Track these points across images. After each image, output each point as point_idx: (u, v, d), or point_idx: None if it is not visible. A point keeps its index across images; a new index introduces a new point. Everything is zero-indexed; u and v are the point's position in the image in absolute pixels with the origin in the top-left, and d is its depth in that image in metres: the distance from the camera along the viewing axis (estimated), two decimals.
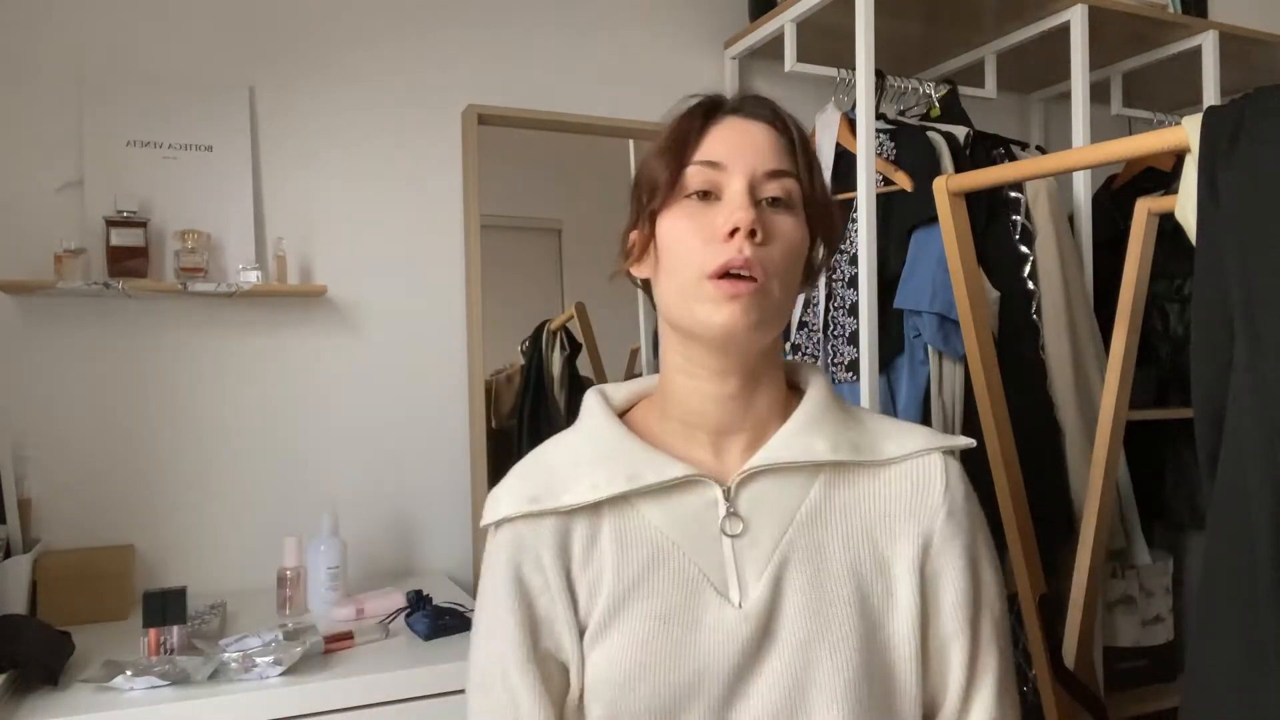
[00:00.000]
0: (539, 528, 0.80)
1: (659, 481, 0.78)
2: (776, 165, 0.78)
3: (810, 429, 0.81)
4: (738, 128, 0.80)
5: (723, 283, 0.74)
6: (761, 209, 0.77)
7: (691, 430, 0.82)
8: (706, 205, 0.77)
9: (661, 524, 0.79)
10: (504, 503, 0.81)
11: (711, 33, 2.21)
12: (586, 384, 2.49)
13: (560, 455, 0.84)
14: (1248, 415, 0.96)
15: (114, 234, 1.64)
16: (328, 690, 1.26)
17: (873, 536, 0.80)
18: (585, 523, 0.80)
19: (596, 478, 0.79)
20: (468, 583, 1.93)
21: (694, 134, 0.79)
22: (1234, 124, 0.99)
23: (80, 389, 1.69)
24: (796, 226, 0.79)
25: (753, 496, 0.79)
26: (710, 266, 0.75)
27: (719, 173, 0.77)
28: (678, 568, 0.77)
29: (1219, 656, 0.98)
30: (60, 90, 1.70)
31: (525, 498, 0.80)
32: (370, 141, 1.91)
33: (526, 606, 0.79)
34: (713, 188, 0.78)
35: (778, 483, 0.79)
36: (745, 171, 0.77)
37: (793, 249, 0.78)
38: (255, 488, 1.80)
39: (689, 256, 0.77)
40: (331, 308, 1.87)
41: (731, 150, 0.78)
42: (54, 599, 1.52)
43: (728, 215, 0.75)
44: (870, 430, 0.84)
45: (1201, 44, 2.14)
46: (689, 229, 0.77)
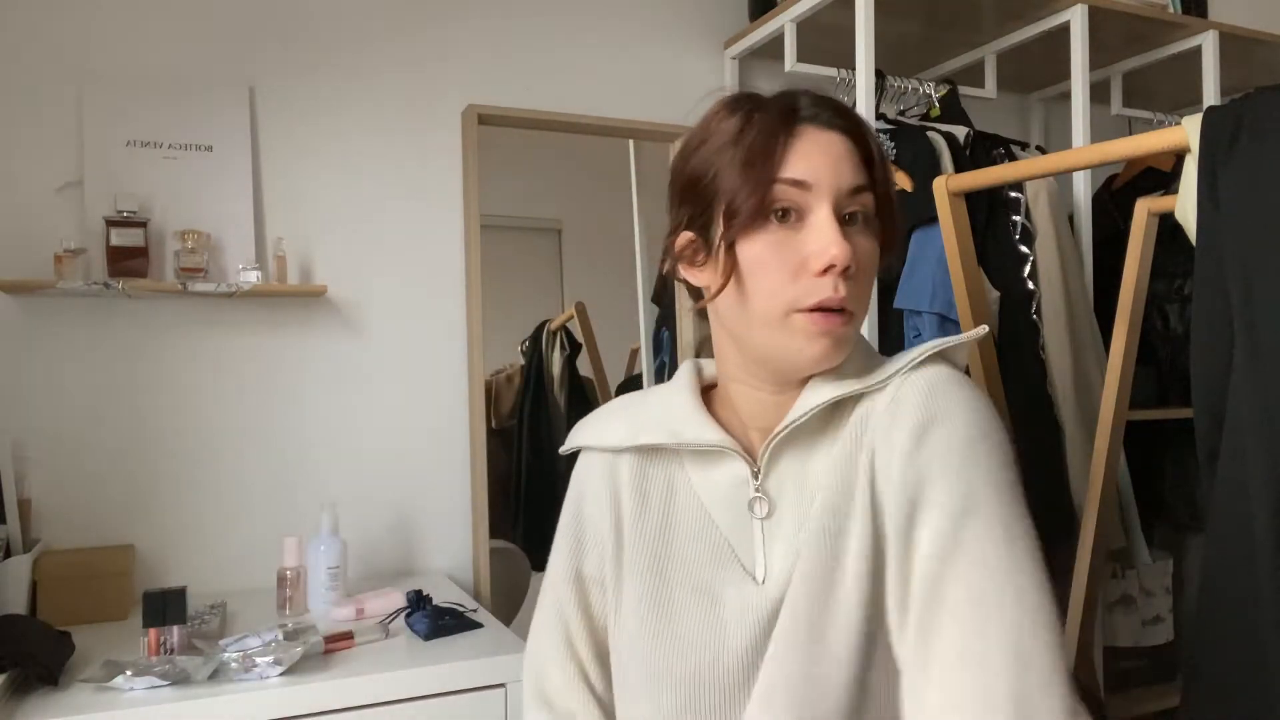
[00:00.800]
0: (600, 460, 0.87)
1: (694, 443, 0.80)
2: (857, 181, 0.74)
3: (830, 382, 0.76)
4: (820, 141, 0.74)
5: (816, 317, 0.72)
6: (844, 229, 0.73)
7: (747, 429, 0.82)
8: (790, 230, 0.73)
9: (702, 492, 0.82)
10: (579, 433, 0.90)
11: (711, 33, 2.21)
12: (586, 384, 2.49)
13: (638, 404, 0.89)
14: (1248, 414, 0.96)
15: (114, 234, 1.64)
16: (327, 690, 1.26)
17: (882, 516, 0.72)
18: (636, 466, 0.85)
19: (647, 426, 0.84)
20: (467, 583, 1.93)
21: (776, 148, 0.73)
22: (1234, 124, 0.99)
23: (80, 389, 1.69)
24: (873, 244, 0.76)
25: (779, 476, 0.78)
26: (804, 303, 0.72)
27: (804, 193, 0.73)
28: (711, 540, 0.80)
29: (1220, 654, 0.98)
30: (60, 90, 1.70)
31: (594, 432, 0.89)
32: (370, 141, 1.91)
33: (579, 530, 0.87)
34: (795, 207, 0.73)
35: (799, 460, 0.77)
36: (831, 192, 0.73)
37: (873, 268, 0.76)
38: (255, 488, 1.80)
39: (777, 289, 0.73)
40: (331, 308, 1.87)
41: (817, 168, 0.73)
42: (54, 599, 1.52)
43: (821, 249, 0.71)
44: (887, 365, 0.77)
45: (1201, 44, 2.14)
46: (775, 258, 0.73)
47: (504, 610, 1.95)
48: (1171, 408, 1.97)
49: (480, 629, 1.50)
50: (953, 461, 0.69)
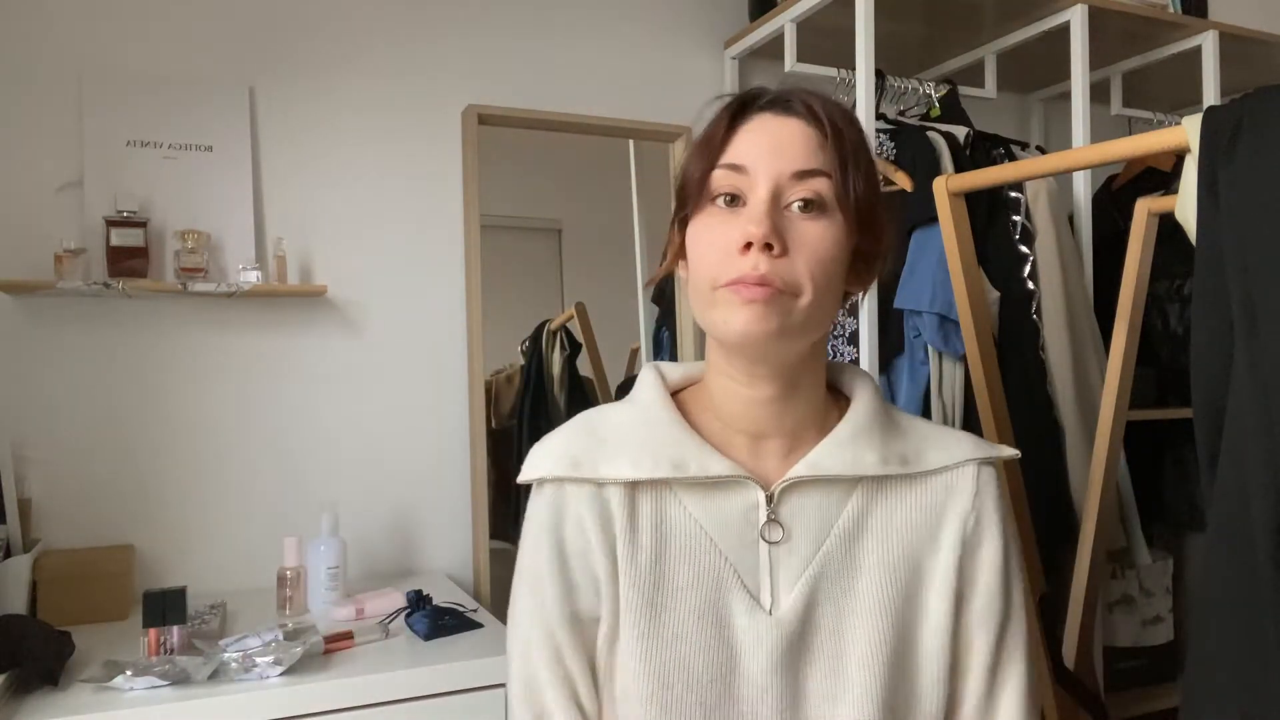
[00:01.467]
0: (580, 492, 0.79)
1: (702, 476, 0.77)
2: (804, 165, 0.73)
3: (858, 440, 0.79)
4: (767, 126, 0.75)
5: (737, 287, 0.72)
6: (787, 215, 0.73)
7: (730, 431, 0.81)
8: (732, 212, 0.74)
9: (701, 517, 0.78)
10: (545, 462, 0.81)
11: (711, 33, 2.21)
12: (586, 384, 2.49)
13: (609, 425, 0.82)
14: (1248, 414, 0.96)
15: (114, 234, 1.64)
16: (327, 690, 1.26)
17: (909, 550, 0.79)
18: (625, 498, 0.79)
19: (641, 456, 0.78)
20: (467, 583, 1.93)
21: (721, 134, 0.75)
22: (1234, 124, 0.99)
23: (80, 389, 1.69)
24: (830, 230, 0.74)
25: (794, 504, 0.78)
26: (723, 279, 0.73)
27: (743, 177, 0.74)
28: (711, 563, 0.77)
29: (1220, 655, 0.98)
30: (60, 90, 1.70)
31: (568, 459, 0.79)
32: (370, 141, 1.91)
33: (566, 567, 0.79)
34: (738, 192, 0.74)
35: (820, 492, 0.79)
36: (770, 175, 0.73)
37: (824, 256, 0.73)
38: (255, 487, 1.80)
39: (709, 267, 0.74)
40: (331, 308, 1.87)
41: (757, 152, 0.74)
42: (54, 599, 1.52)
43: (742, 227, 0.72)
44: (917, 439, 0.82)
45: (1201, 44, 2.14)
46: (711, 239, 0.75)
47: (503, 611, 1.95)
48: (1171, 408, 1.97)
49: (480, 629, 1.50)
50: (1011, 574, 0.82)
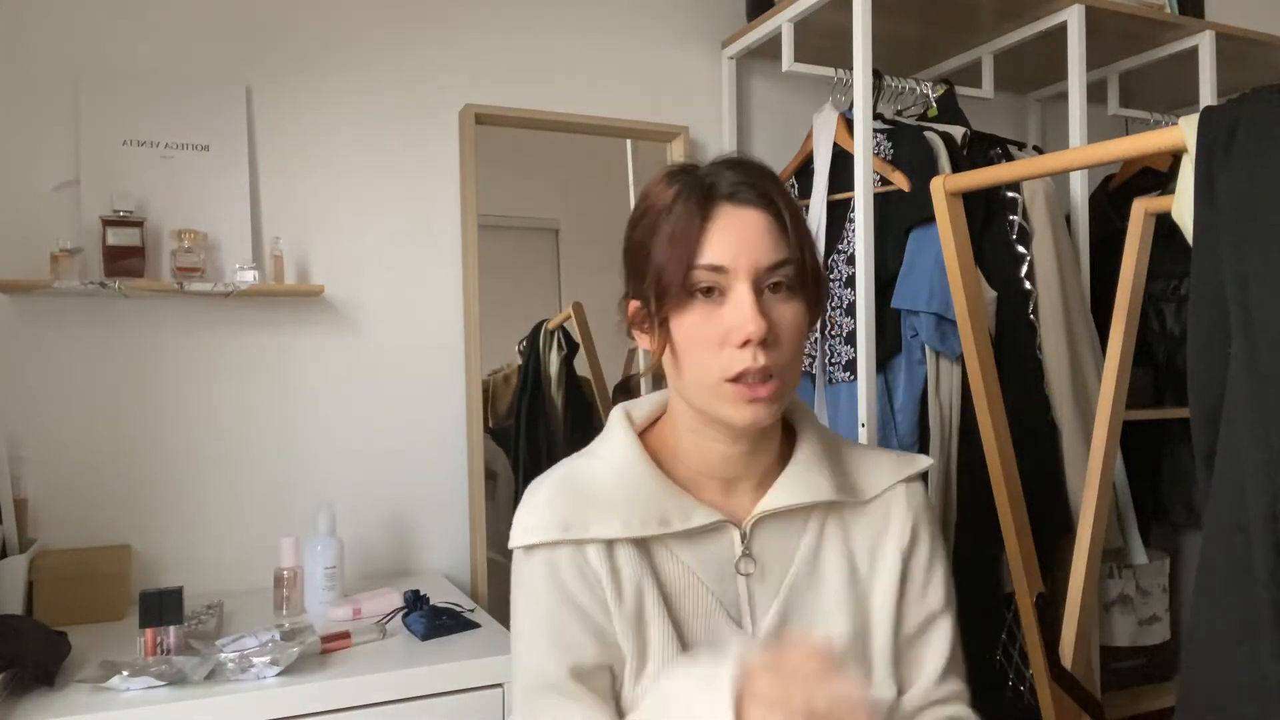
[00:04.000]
0: (574, 549, 0.85)
1: (685, 529, 0.86)
2: (776, 257, 0.82)
3: (811, 470, 0.90)
4: (735, 221, 0.82)
5: (741, 387, 0.81)
6: (765, 299, 0.81)
7: (701, 476, 0.90)
8: (713, 305, 0.82)
9: (688, 560, 0.87)
10: (535, 530, 0.85)
11: (709, 32, 2.21)
12: (584, 384, 2.49)
13: (589, 484, 0.88)
14: (1244, 414, 0.96)
15: (110, 233, 1.64)
16: (325, 690, 1.26)
17: (862, 562, 0.91)
18: (625, 552, 0.85)
19: (629, 516, 0.85)
20: (465, 583, 1.92)
21: (694, 233, 0.81)
22: (1230, 124, 0.99)
23: (76, 389, 1.69)
24: (798, 308, 0.84)
25: (763, 537, 0.88)
26: (729, 373, 0.81)
27: (724, 276, 0.81)
28: (699, 600, 0.86)
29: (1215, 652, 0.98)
30: (56, 89, 1.69)
31: (558, 525, 0.84)
32: (367, 141, 1.91)
33: (573, 619, 0.84)
34: (716, 286, 0.82)
35: (783, 523, 0.89)
36: (749, 271, 0.81)
37: (799, 331, 0.84)
38: (252, 487, 1.80)
39: (705, 360, 0.82)
40: (328, 307, 1.87)
41: (733, 250, 0.81)
42: (50, 599, 1.52)
43: (739, 325, 0.80)
44: (853, 466, 0.94)
45: (1198, 44, 2.14)
46: (701, 333, 0.82)
47: (501, 611, 1.95)
48: (1168, 408, 1.97)
49: (478, 629, 1.50)
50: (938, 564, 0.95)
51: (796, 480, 0.89)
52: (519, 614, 0.87)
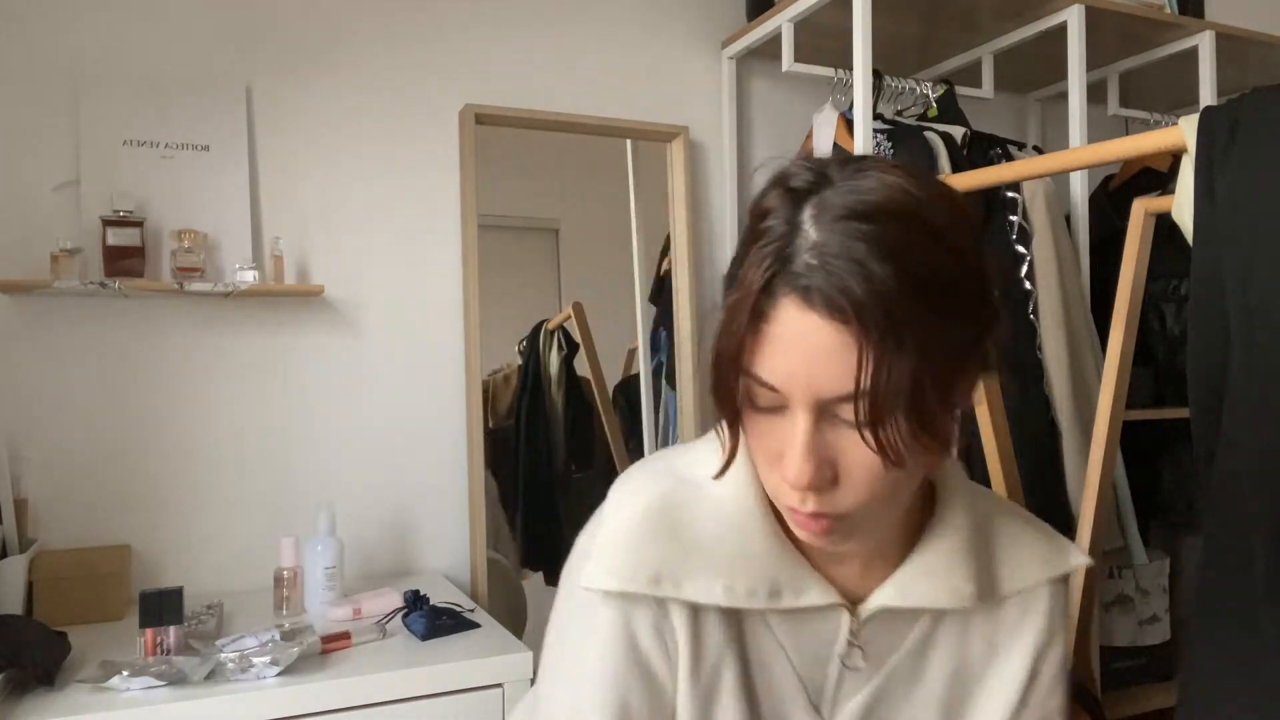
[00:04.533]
0: (656, 606, 0.71)
1: (797, 606, 0.71)
2: (838, 389, 0.60)
3: (954, 567, 0.73)
4: (791, 331, 0.60)
5: (795, 518, 0.66)
6: (833, 427, 0.62)
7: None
8: (774, 419, 0.64)
9: (784, 637, 0.73)
10: (617, 575, 0.69)
11: (709, 32, 2.21)
12: (584, 384, 2.49)
13: (693, 527, 0.71)
14: (1244, 413, 0.96)
15: (110, 233, 1.64)
16: (324, 690, 1.26)
17: (975, 662, 0.76)
18: (713, 617, 0.72)
19: (734, 580, 0.70)
20: (464, 583, 1.93)
21: (746, 337, 0.62)
22: (1230, 124, 0.99)
23: (76, 389, 1.69)
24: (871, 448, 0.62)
25: (873, 625, 0.74)
26: (779, 498, 0.67)
27: (777, 395, 0.62)
28: (781, 680, 0.73)
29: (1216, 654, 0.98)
30: (56, 89, 1.69)
31: (646, 575, 0.69)
32: (367, 141, 1.91)
33: (639, 686, 0.71)
34: (777, 405, 0.63)
35: (894, 617, 0.74)
36: (805, 401, 0.61)
37: (879, 471, 0.62)
38: (252, 487, 1.80)
39: (763, 471, 0.68)
40: (328, 307, 1.87)
41: (786, 370, 0.61)
42: (50, 599, 1.52)
43: (788, 461, 0.62)
44: (997, 553, 0.77)
45: (1198, 44, 2.14)
46: (758, 443, 0.67)
47: (500, 611, 1.95)
48: (1168, 408, 1.97)
49: (478, 629, 1.50)
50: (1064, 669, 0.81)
51: (928, 575, 0.72)
52: (571, 652, 0.73)
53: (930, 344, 0.59)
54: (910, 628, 0.75)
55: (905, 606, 0.72)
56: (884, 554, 0.74)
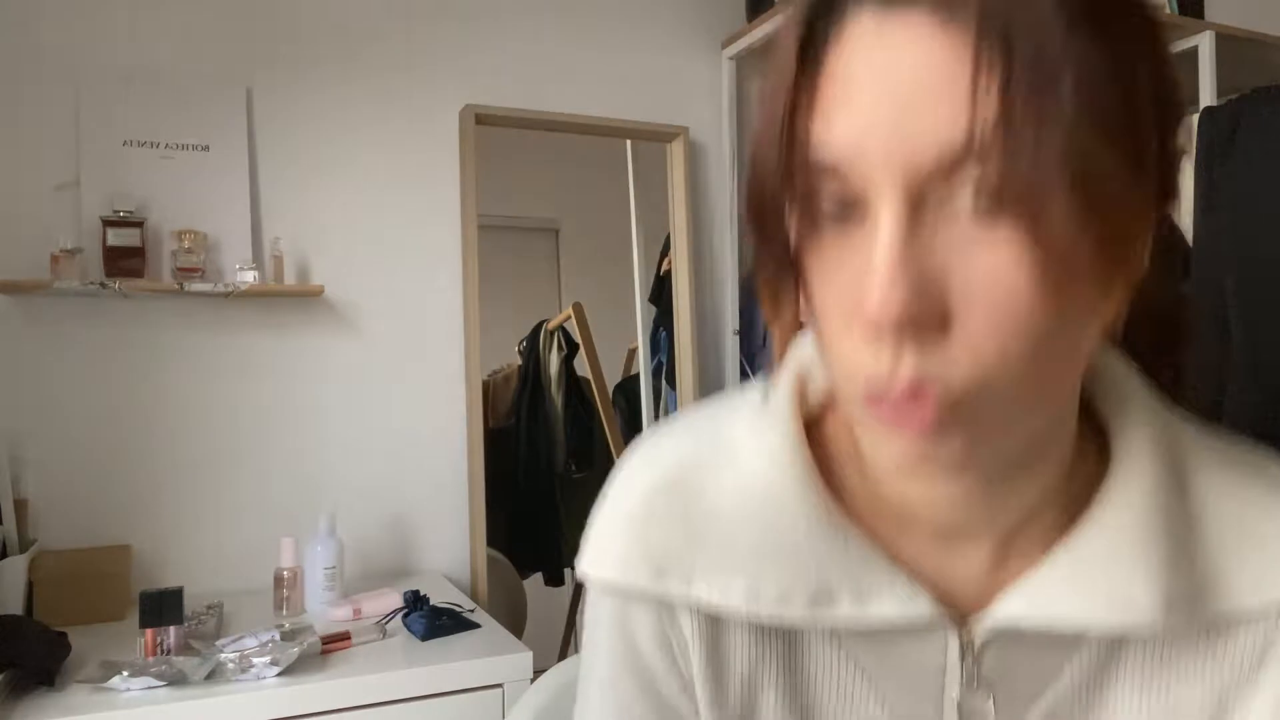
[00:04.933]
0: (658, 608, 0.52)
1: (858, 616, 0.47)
2: (954, 141, 0.36)
3: (1121, 558, 0.44)
4: (874, 58, 0.37)
5: (881, 409, 0.39)
6: (946, 230, 0.37)
7: (903, 519, 0.48)
8: (846, 234, 0.39)
9: (863, 658, 0.49)
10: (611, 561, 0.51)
11: (709, 32, 2.21)
12: (584, 384, 2.49)
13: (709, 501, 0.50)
14: (1245, 410, 0.96)
15: (110, 234, 1.64)
16: (325, 691, 1.26)
17: (1185, 713, 0.48)
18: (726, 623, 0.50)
19: (762, 579, 0.47)
20: (465, 583, 1.93)
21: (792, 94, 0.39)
22: (1230, 124, 1.00)
23: (77, 389, 1.69)
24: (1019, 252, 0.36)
25: (1004, 649, 0.48)
26: (856, 388, 0.40)
27: (848, 182, 0.38)
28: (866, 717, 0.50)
29: None
30: (56, 89, 1.69)
31: (650, 564, 0.50)
32: (367, 141, 1.91)
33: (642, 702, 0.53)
34: (843, 199, 0.39)
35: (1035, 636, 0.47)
36: (894, 175, 0.37)
37: (1021, 308, 0.37)
38: (252, 488, 1.80)
39: (834, 349, 0.41)
40: (329, 308, 1.87)
41: (864, 126, 0.37)
42: (50, 599, 1.52)
43: (869, 285, 0.37)
44: (1217, 540, 0.46)
45: (1198, 45, 2.14)
46: (825, 294, 0.41)
47: (500, 611, 1.95)
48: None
49: (477, 629, 1.50)
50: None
51: (1087, 573, 0.45)
52: (584, 657, 0.56)
53: (1100, 87, 0.35)
54: (1069, 657, 0.48)
55: (1038, 627, 0.45)
56: (1032, 531, 0.47)
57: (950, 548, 0.48)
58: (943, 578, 0.48)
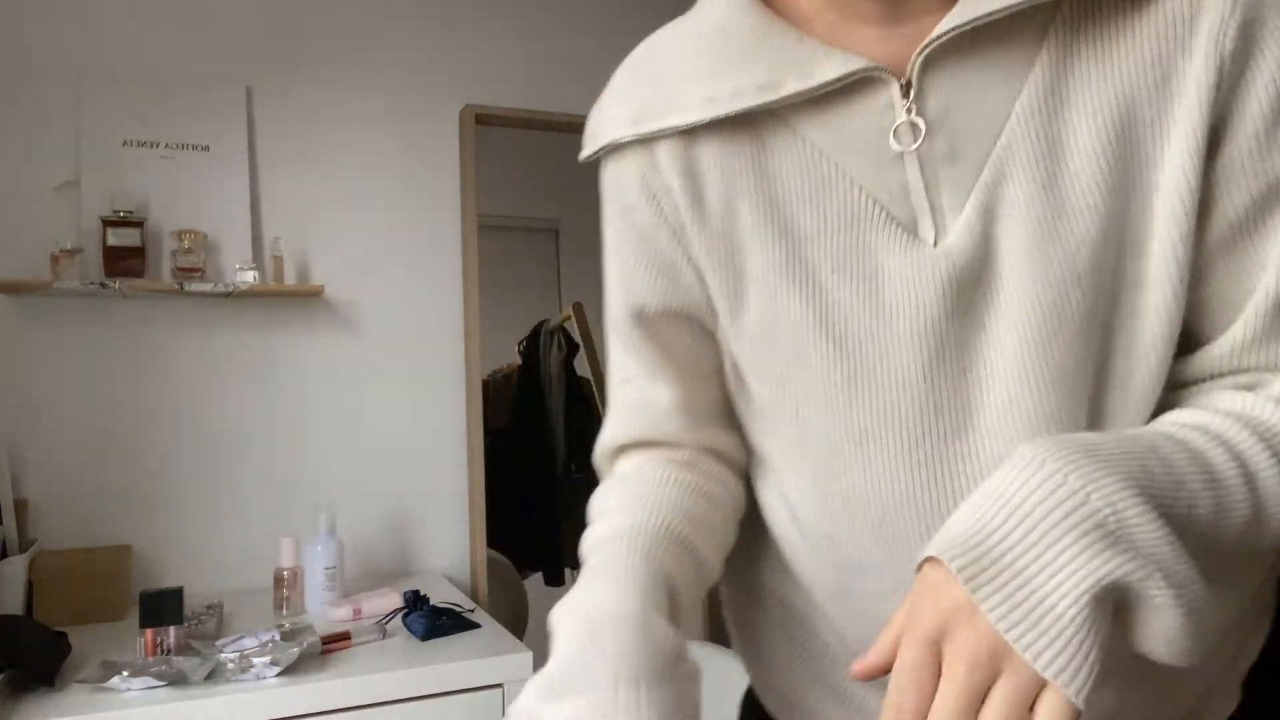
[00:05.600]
0: (650, 154, 0.59)
1: (804, 89, 0.51)
2: None
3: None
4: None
5: None
6: None
7: (844, 7, 0.53)
8: None
9: (819, 139, 0.53)
10: (605, 126, 0.61)
11: None
12: (584, 384, 2.49)
13: (668, 48, 0.60)
14: None
15: (110, 234, 1.64)
16: (325, 690, 1.26)
17: (1139, 110, 0.48)
18: (714, 145, 0.56)
19: (717, 85, 0.54)
20: (465, 583, 1.93)
21: None
22: None
23: (77, 389, 1.69)
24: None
25: (945, 86, 0.50)
26: None
27: None
28: (843, 199, 0.53)
29: None
30: (57, 90, 1.70)
31: (625, 118, 0.59)
32: (367, 141, 1.91)
33: (634, 248, 0.61)
34: None
35: (982, 58, 0.50)
36: None
37: None
38: (252, 488, 1.80)
39: None
40: (328, 307, 1.87)
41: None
42: (50, 599, 1.52)
43: None
44: None
45: None
46: None
47: (500, 611, 1.95)
48: None
49: (477, 629, 1.50)
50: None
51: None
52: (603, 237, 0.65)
53: None
54: (1013, 82, 0.49)
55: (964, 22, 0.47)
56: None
57: (894, 21, 0.52)
58: (885, 52, 0.51)
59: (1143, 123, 0.48)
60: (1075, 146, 0.49)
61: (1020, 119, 0.49)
